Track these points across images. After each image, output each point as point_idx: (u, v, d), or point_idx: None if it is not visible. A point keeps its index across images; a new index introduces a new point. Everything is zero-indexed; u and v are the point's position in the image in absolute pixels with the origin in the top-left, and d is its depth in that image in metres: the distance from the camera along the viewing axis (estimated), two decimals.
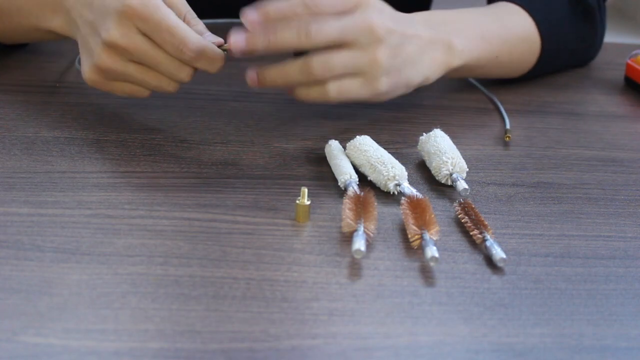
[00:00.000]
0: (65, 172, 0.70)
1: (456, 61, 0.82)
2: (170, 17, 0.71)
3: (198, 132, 0.78)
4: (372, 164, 0.70)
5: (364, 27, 0.73)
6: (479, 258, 0.63)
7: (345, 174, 0.70)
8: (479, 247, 0.64)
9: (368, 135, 0.74)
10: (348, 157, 0.72)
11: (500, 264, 0.62)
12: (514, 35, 0.90)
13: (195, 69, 0.74)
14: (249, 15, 0.70)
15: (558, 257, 0.64)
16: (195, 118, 0.81)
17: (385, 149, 0.73)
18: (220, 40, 0.74)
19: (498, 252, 0.62)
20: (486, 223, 0.65)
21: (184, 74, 0.74)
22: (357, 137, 0.73)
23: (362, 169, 0.71)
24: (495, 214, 0.69)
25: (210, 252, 0.61)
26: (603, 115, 0.91)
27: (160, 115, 0.81)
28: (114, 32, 0.71)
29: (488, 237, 0.63)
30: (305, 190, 0.65)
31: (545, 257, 0.64)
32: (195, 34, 0.72)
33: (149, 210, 0.66)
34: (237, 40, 0.71)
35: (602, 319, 0.58)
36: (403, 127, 0.83)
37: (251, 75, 0.73)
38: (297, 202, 0.65)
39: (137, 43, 0.72)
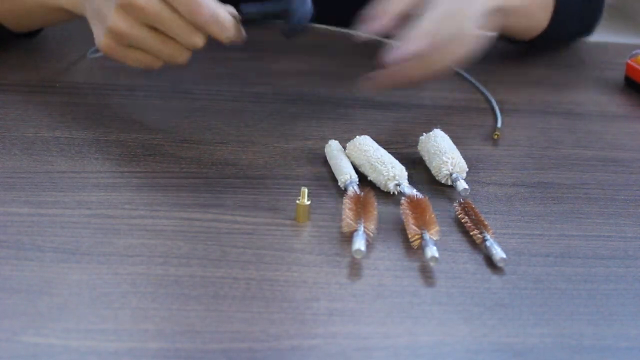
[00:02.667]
0: (65, 172, 0.70)
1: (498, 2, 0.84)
2: None
3: (198, 132, 0.78)
4: (372, 164, 0.70)
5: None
6: (479, 258, 0.63)
7: (345, 174, 0.70)
8: (479, 247, 0.64)
9: (368, 135, 0.74)
10: (348, 157, 0.72)
11: (500, 264, 0.62)
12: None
13: (207, 36, 0.75)
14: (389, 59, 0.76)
15: (558, 257, 0.64)
16: (195, 118, 0.81)
17: (385, 149, 0.73)
18: (234, 12, 0.75)
19: (498, 252, 0.62)
20: (486, 223, 0.65)
21: (198, 38, 0.74)
22: (357, 137, 0.73)
23: (362, 169, 0.71)
24: (495, 214, 0.69)
25: (210, 252, 0.61)
26: (603, 115, 0.91)
27: (160, 115, 0.81)
28: None
29: (488, 237, 0.63)
30: (305, 190, 0.65)
31: (545, 257, 0.64)
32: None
33: (149, 210, 0.66)
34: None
35: (602, 319, 0.58)
36: (403, 127, 0.83)
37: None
38: (297, 202, 0.65)
39: (152, 3, 0.72)
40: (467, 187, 0.69)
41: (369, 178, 0.71)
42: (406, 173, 0.70)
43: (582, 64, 1.04)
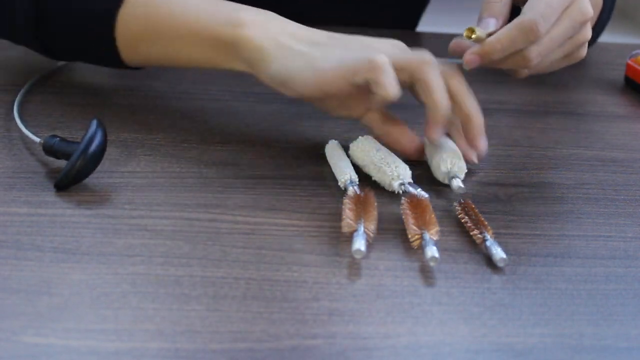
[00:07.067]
0: None
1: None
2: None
3: (198, 132, 0.78)
4: (375, 164, 0.70)
5: (581, 20, 0.75)
6: (479, 258, 0.63)
7: (345, 174, 0.70)
8: (479, 247, 0.64)
9: (368, 135, 0.74)
10: (352, 157, 0.72)
11: (500, 264, 0.62)
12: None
13: None
14: (470, 59, 0.73)
15: (558, 257, 0.64)
16: (195, 118, 0.81)
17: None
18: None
19: (498, 252, 0.62)
20: (486, 223, 0.65)
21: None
22: (360, 137, 0.73)
23: (366, 170, 0.71)
24: (495, 214, 0.69)
25: (210, 252, 0.61)
26: (603, 115, 0.91)
27: (160, 115, 0.81)
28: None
29: (488, 237, 0.63)
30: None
31: (545, 257, 0.64)
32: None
33: (149, 210, 0.65)
34: (471, 60, 0.73)
35: (602, 319, 0.58)
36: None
37: (471, 59, 0.73)
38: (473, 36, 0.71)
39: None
40: (462, 185, 0.69)
41: (373, 178, 0.71)
42: (410, 172, 0.70)
43: (582, 64, 1.04)
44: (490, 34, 0.73)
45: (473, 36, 0.72)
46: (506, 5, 0.75)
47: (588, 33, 0.77)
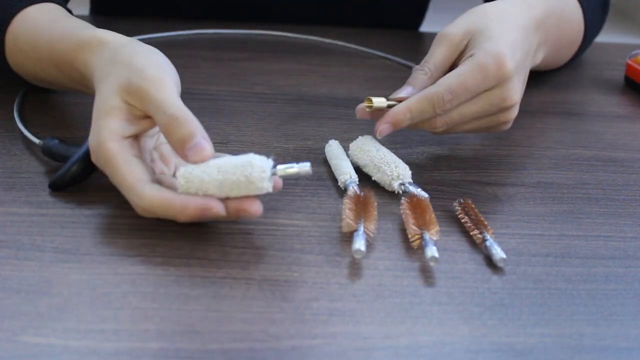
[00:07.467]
0: None
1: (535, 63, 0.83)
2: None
3: None
4: (375, 164, 0.70)
5: (502, 105, 0.74)
6: (479, 258, 0.63)
7: (345, 174, 0.70)
8: (479, 247, 0.64)
9: (368, 135, 0.74)
10: (352, 157, 0.72)
11: (500, 264, 0.62)
12: (572, 34, 0.92)
13: None
14: (382, 129, 0.72)
15: (558, 257, 0.64)
16: None
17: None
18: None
19: (498, 252, 0.62)
20: (486, 223, 0.65)
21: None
22: (360, 137, 0.73)
23: (366, 170, 0.71)
24: (495, 214, 0.69)
25: (210, 252, 0.61)
26: (603, 116, 0.91)
27: None
28: None
29: (488, 237, 0.63)
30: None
31: (545, 257, 0.64)
32: None
33: None
34: (383, 130, 0.72)
35: (602, 319, 0.58)
36: (403, 127, 0.83)
37: (383, 128, 0.72)
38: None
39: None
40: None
41: (373, 178, 0.71)
42: (410, 172, 0.70)
43: (582, 64, 1.04)
44: (400, 100, 0.72)
45: (367, 105, 0.72)
46: (430, 79, 0.74)
47: (512, 114, 0.76)
